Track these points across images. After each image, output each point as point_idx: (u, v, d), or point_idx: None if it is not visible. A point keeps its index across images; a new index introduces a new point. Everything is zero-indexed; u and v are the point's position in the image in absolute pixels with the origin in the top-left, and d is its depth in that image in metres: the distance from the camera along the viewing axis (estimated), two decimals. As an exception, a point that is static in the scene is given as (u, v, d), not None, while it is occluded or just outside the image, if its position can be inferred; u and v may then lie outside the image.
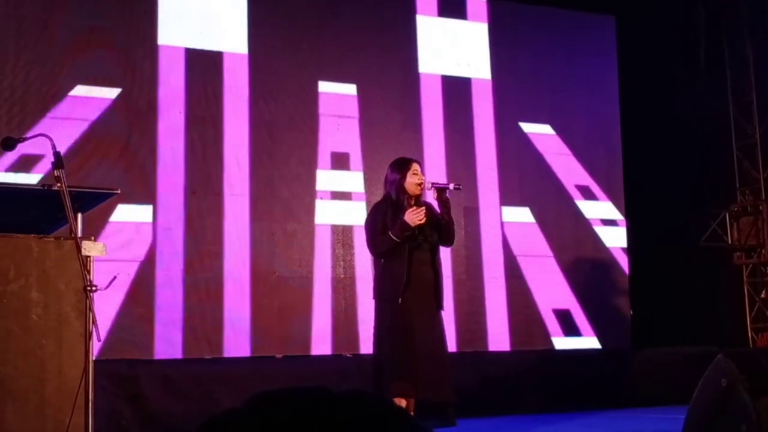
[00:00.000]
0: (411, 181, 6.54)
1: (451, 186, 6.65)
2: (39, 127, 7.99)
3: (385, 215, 6.51)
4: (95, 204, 5.18)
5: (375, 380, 6.39)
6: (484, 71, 10.40)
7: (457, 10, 10.39)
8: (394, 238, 6.36)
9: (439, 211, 6.63)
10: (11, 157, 7.70)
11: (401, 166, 6.65)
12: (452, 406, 6.43)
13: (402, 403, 6.21)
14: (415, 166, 6.62)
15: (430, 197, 6.73)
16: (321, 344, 9.15)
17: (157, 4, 8.95)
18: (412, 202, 6.53)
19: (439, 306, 6.52)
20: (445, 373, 6.40)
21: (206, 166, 8.95)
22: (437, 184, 6.62)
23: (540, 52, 10.70)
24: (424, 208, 6.43)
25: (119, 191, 5.22)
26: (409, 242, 6.41)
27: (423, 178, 6.60)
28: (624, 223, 10.84)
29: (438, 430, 6.27)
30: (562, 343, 10.24)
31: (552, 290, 10.32)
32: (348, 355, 9.17)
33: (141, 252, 8.55)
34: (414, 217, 6.35)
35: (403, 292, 6.32)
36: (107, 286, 4.68)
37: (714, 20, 11.27)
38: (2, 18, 8.32)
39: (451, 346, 9.23)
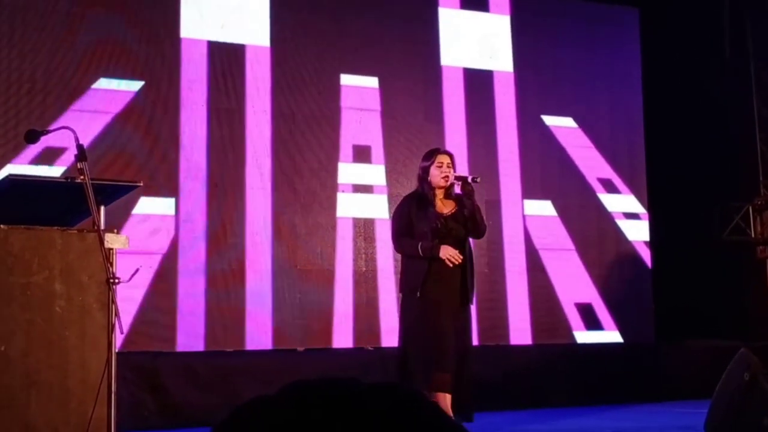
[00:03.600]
0: (435, 174, 6.38)
1: (470, 178, 6.45)
2: (62, 120, 8.01)
3: (410, 210, 6.41)
4: (118, 196, 5.21)
5: (399, 372, 6.34)
6: (507, 64, 10.37)
7: (480, 2, 10.36)
8: (419, 251, 6.25)
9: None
10: (35, 149, 7.74)
11: (427, 157, 6.51)
12: (471, 400, 6.38)
13: (446, 398, 6.16)
14: (441, 158, 6.43)
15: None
16: (343, 337, 9.16)
17: (179, -3, 8.97)
18: (441, 196, 6.42)
19: (465, 301, 6.41)
20: (464, 369, 6.32)
21: (228, 158, 8.96)
22: (458, 175, 6.47)
23: (563, 44, 10.66)
24: (462, 258, 6.27)
25: (142, 184, 5.27)
26: (434, 236, 6.31)
27: (450, 171, 6.42)
28: (647, 216, 10.79)
29: None
30: (584, 337, 10.21)
31: (574, 284, 10.28)
32: (370, 348, 9.18)
33: (163, 244, 8.58)
34: (450, 255, 6.21)
35: (423, 285, 6.23)
36: (130, 279, 4.70)
37: (738, 12, 11.20)
38: (26, 10, 8.35)
39: (473, 339, 9.24)
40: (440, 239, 6.29)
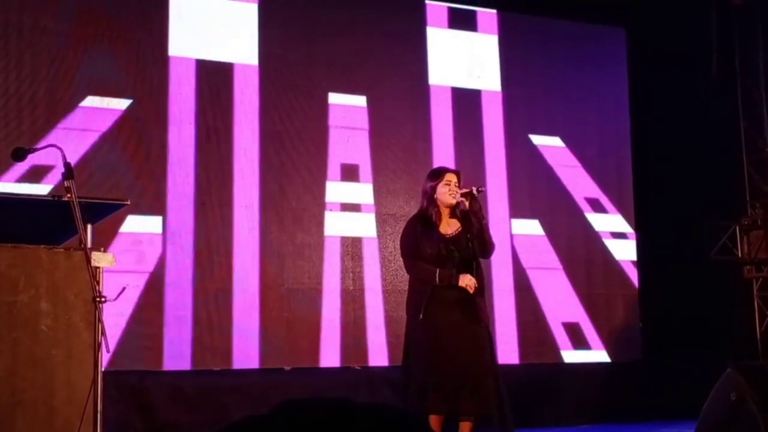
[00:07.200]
0: (443, 192, 6.33)
1: (474, 190, 6.40)
2: (50, 138, 8.01)
3: (415, 231, 6.34)
4: (105, 215, 5.19)
5: (402, 393, 6.32)
6: (494, 83, 10.40)
7: (468, 22, 10.40)
8: (435, 278, 6.17)
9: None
10: (22, 167, 7.71)
11: (435, 175, 6.45)
12: (508, 419, 6.35)
13: (439, 420, 6.16)
14: (449, 176, 6.39)
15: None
16: (330, 356, 9.13)
17: (168, 15, 8.97)
18: (447, 216, 6.39)
19: (474, 320, 6.26)
20: (481, 385, 6.24)
21: (216, 177, 8.96)
22: (463, 191, 6.37)
23: (550, 64, 10.69)
24: (474, 282, 6.18)
25: (129, 202, 5.24)
26: (437, 260, 6.24)
27: (457, 189, 6.36)
28: (634, 236, 10.81)
29: None
30: (571, 356, 10.20)
31: (561, 303, 10.29)
32: (357, 368, 9.16)
33: (150, 263, 8.55)
34: (467, 284, 6.16)
35: (426, 308, 6.18)
36: (116, 297, 4.68)
37: (726, 33, 11.25)
38: (15, 28, 8.34)
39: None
40: (442, 263, 6.25)
